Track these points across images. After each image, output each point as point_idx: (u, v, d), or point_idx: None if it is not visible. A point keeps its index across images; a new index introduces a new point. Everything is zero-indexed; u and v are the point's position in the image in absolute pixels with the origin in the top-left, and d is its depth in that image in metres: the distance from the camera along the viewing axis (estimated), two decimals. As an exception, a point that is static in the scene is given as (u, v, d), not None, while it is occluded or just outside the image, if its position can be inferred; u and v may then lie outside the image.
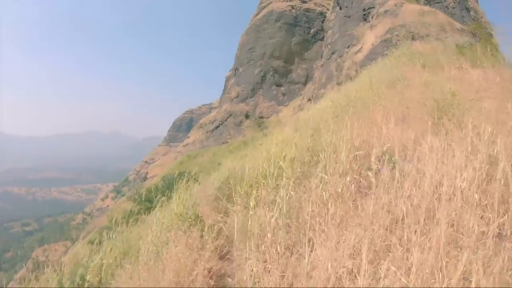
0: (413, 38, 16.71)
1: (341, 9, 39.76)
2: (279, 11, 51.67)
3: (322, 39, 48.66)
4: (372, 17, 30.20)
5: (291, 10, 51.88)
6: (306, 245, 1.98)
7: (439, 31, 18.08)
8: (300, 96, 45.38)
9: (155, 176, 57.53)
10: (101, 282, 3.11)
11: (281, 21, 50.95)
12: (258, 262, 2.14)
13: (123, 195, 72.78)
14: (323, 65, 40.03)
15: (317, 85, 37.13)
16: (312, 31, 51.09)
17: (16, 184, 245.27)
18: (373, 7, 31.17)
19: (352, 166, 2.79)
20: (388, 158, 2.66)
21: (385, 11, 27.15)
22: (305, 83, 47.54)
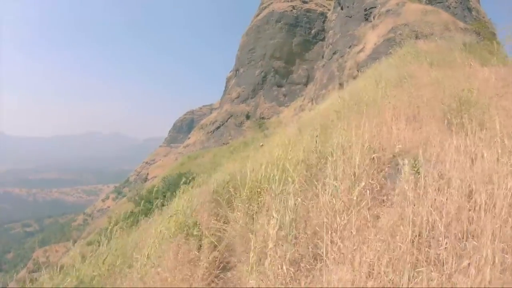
0: (417, 37, 16.43)
1: (342, 9, 39.55)
2: (280, 12, 51.45)
3: (323, 39, 48.43)
4: (373, 17, 29.95)
5: (292, 10, 51.64)
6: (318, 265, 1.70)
7: (443, 30, 17.80)
8: (301, 96, 45.13)
9: (155, 177, 57.31)
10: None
11: (282, 22, 50.72)
12: (261, 281, 1.87)
13: (124, 196, 72.55)
14: (324, 65, 39.80)
15: (318, 85, 36.87)
16: (313, 31, 50.84)
17: (16, 185, 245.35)
18: (375, 7, 30.94)
19: (366, 169, 2.51)
20: (407, 161, 2.39)
21: (387, 11, 26.89)
22: (306, 84, 47.29)
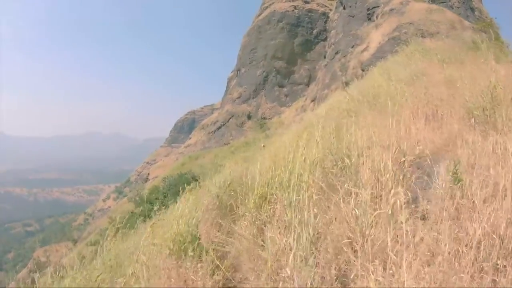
0: (423, 35, 16.10)
1: (344, 9, 39.23)
2: (282, 12, 51.12)
3: (324, 39, 48.10)
4: (376, 16, 29.64)
5: (293, 10, 51.31)
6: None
7: (449, 29, 17.45)
8: (303, 97, 44.80)
9: (156, 177, 57.01)
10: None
11: (283, 22, 50.40)
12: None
13: (125, 196, 72.34)
14: (326, 65, 39.46)
15: (320, 85, 36.51)
16: (314, 31, 50.50)
17: (17, 184, 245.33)
18: (378, 6, 30.63)
19: (393, 175, 2.16)
20: (442, 165, 2.05)
21: (391, 10, 26.58)
22: (308, 84, 46.95)
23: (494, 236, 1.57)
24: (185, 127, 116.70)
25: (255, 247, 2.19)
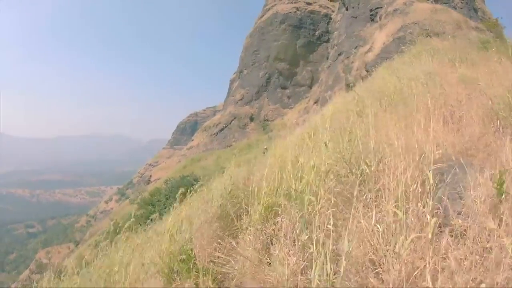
0: (428, 35, 15.79)
1: (347, 10, 39.02)
2: (284, 13, 50.94)
3: (327, 41, 47.89)
4: (380, 17, 29.39)
5: (295, 12, 51.12)
6: None
7: (455, 29, 17.14)
8: (305, 98, 44.52)
9: (159, 179, 56.79)
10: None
11: (285, 23, 50.22)
12: None
13: (127, 198, 72.32)
14: (329, 66, 39.22)
15: (323, 87, 36.26)
16: (317, 33, 50.26)
17: (20, 186, 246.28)
18: (381, 7, 30.39)
19: (425, 185, 1.86)
20: (479, 174, 1.76)
21: (395, 10, 26.29)
22: (310, 86, 46.66)
23: None
24: (188, 129, 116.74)
25: (259, 267, 1.90)
